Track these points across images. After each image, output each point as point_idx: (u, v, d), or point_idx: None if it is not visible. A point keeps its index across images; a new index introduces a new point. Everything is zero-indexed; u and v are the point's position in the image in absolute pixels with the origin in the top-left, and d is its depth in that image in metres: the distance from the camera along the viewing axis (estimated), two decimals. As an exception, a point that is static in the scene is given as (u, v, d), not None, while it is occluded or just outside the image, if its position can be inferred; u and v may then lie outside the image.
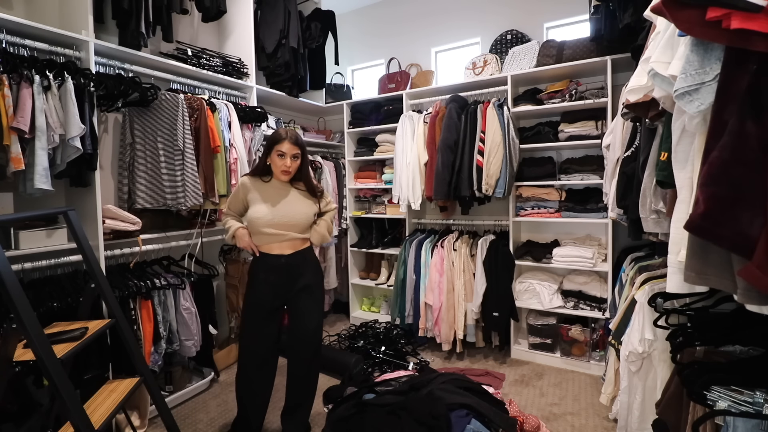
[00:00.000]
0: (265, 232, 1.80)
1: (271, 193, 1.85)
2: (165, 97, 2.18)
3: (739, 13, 0.70)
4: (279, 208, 1.82)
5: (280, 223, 1.81)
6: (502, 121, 2.57)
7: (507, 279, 2.63)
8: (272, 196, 1.84)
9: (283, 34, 2.93)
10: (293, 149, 1.80)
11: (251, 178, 1.89)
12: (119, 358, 1.91)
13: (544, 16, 3.07)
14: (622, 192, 1.73)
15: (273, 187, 1.86)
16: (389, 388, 1.92)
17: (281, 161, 1.79)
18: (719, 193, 0.77)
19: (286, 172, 1.81)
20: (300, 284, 1.85)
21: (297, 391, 1.94)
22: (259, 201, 1.83)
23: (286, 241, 1.83)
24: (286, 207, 1.84)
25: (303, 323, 1.86)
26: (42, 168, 1.68)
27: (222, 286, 2.81)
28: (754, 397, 0.99)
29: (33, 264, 1.74)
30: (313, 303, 1.89)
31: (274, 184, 1.87)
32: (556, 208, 2.73)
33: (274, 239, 1.82)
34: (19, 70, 1.65)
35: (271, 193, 1.85)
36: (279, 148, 1.79)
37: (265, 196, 1.84)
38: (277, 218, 1.80)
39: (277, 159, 1.80)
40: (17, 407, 1.59)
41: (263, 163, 1.87)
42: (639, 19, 1.81)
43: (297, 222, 1.84)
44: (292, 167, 1.81)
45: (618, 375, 1.88)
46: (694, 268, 0.89)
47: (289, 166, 1.80)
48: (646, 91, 1.25)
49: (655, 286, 1.64)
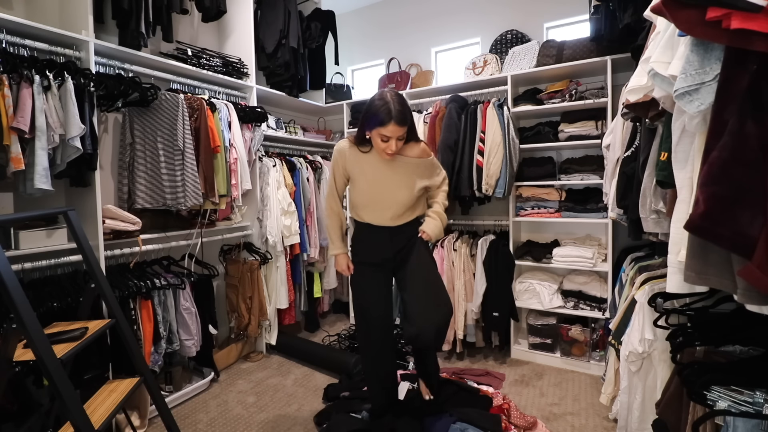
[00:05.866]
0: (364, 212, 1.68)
1: (371, 168, 1.64)
2: (165, 97, 2.18)
3: (739, 13, 0.70)
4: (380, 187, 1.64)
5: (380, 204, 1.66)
6: (502, 121, 2.57)
7: (507, 279, 2.63)
8: (372, 171, 1.64)
9: (283, 34, 2.93)
10: (399, 131, 1.53)
11: (350, 146, 1.69)
12: (119, 358, 1.91)
13: (544, 16, 3.07)
14: (622, 192, 1.73)
15: (373, 160, 1.64)
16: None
17: (384, 144, 1.56)
18: (719, 193, 0.77)
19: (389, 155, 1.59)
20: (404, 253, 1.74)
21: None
22: (359, 176, 1.67)
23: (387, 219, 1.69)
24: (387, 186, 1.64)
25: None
26: (42, 168, 1.68)
27: (222, 286, 2.81)
28: (754, 397, 0.99)
29: (33, 264, 1.74)
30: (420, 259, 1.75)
31: (374, 156, 1.65)
32: (556, 208, 2.73)
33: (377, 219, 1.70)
34: (19, 70, 1.65)
35: (370, 167, 1.65)
36: (383, 132, 1.53)
37: (365, 170, 1.65)
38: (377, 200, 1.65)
39: (379, 141, 1.56)
40: (17, 407, 1.59)
41: (362, 135, 1.64)
42: (639, 19, 1.81)
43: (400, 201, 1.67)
44: (397, 149, 1.58)
45: (618, 375, 1.88)
46: (694, 268, 0.89)
47: (395, 149, 1.57)
48: (646, 91, 1.25)
49: (655, 286, 1.64)
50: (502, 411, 1.91)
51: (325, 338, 3.07)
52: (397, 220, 1.73)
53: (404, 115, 1.53)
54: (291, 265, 2.98)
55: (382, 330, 1.84)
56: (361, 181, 1.70)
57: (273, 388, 2.41)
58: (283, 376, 2.58)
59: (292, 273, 3.00)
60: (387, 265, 1.81)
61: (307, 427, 2.03)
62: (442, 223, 1.77)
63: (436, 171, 1.81)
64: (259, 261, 2.71)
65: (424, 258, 1.77)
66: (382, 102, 1.54)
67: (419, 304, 1.70)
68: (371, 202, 1.71)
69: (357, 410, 2.00)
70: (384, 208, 1.70)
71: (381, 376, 1.89)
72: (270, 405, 2.23)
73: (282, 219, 2.80)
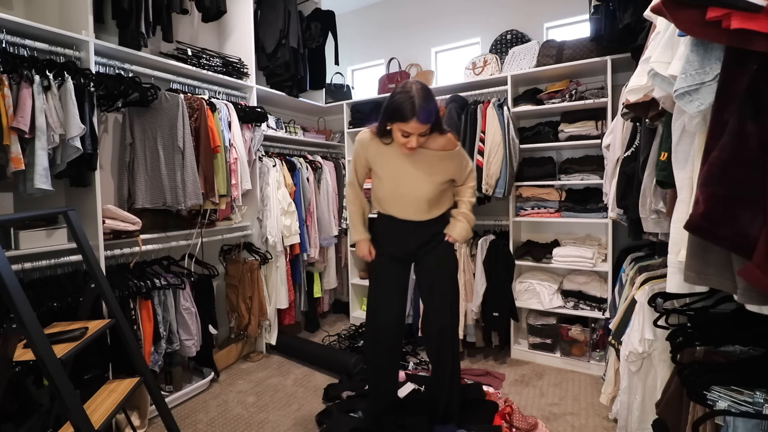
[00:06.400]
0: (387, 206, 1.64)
1: (392, 161, 1.58)
2: (165, 97, 2.18)
3: (739, 13, 0.70)
4: (401, 182, 1.58)
5: (402, 199, 1.60)
6: (502, 121, 2.57)
7: (507, 279, 2.63)
8: (393, 164, 1.58)
9: (283, 34, 2.93)
10: (422, 128, 1.46)
11: (371, 137, 1.63)
12: (119, 358, 1.91)
13: (544, 16, 3.07)
14: (622, 192, 1.73)
15: (394, 153, 1.58)
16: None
17: (405, 140, 1.49)
18: (719, 193, 0.77)
19: (409, 149, 1.53)
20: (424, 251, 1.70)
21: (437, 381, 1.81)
22: (380, 169, 1.61)
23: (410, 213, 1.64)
24: (407, 181, 1.58)
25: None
26: (42, 168, 1.68)
27: (222, 286, 2.81)
28: (754, 397, 0.99)
29: (33, 264, 1.74)
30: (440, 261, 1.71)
31: (395, 148, 1.58)
32: (556, 208, 2.73)
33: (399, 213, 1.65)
34: (19, 70, 1.65)
35: (392, 160, 1.58)
36: (404, 129, 1.46)
37: (386, 163, 1.60)
38: (398, 195, 1.60)
39: (399, 136, 1.50)
40: (17, 407, 1.59)
41: (383, 127, 1.57)
42: (639, 19, 1.81)
43: (422, 197, 1.61)
44: (419, 144, 1.50)
45: (618, 375, 1.88)
46: (694, 268, 0.88)
47: (415, 145, 1.50)
48: (646, 91, 1.25)
49: (655, 286, 1.64)
50: (504, 417, 1.90)
51: (325, 338, 3.07)
52: (421, 215, 1.67)
53: (428, 111, 1.44)
54: (291, 265, 2.98)
55: (388, 342, 1.80)
56: (383, 174, 1.64)
57: (273, 388, 2.41)
58: (283, 376, 2.58)
59: (292, 273, 3.00)
60: (408, 258, 1.77)
61: (307, 427, 2.03)
62: (468, 224, 1.71)
63: (462, 164, 1.71)
64: (259, 261, 2.71)
65: (444, 265, 1.72)
66: (405, 96, 1.45)
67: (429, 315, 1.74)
68: (393, 196, 1.65)
69: (358, 409, 2.00)
70: (406, 203, 1.65)
71: (380, 390, 1.89)
72: (270, 405, 2.23)
73: (282, 219, 2.80)
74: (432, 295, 1.75)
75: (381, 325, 1.78)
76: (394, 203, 1.67)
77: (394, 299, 1.79)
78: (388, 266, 1.78)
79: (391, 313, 1.78)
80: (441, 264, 1.73)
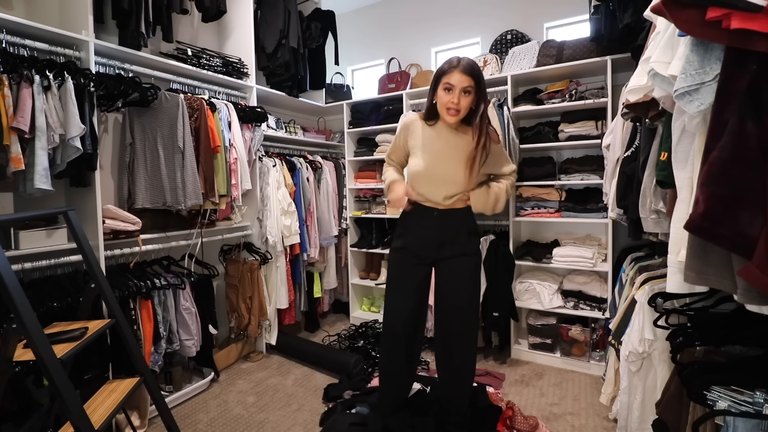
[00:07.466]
0: (418, 183, 1.59)
1: (434, 139, 1.55)
2: (165, 97, 2.18)
3: (739, 13, 0.70)
4: (439, 162, 1.54)
5: (436, 178, 1.56)
6: (502, 121, 2.57)
7: (507, 279, 2.63)
8: (434, 142, 1.55)
9: (283, 34, 2.93)
10: (465, 81, 1.46)
11: (417, 119, 1.62)
12: (119, 358, 1.91)
13: (544, 16, 3.07)
14: (622, 192, 1.73)
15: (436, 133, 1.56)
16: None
17: (448, 97, 1.47)
18: (719, 193, 0.77)
19: (452, 111, 1.49)
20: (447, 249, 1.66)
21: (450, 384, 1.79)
22: (420, 147, 1.57)
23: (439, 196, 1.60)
24: (445, 160, 1.54)
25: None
26: (42, 168, 1.68)
27: (222, 286, 2.81)
28: (754, 397, 0.99)
29: (33, 264, 1.74)
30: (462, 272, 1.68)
31: (439, 129, 1.57)
32: (556, 208, 2.73)
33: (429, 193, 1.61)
34: (19, 70, 1.65)
35: (435, 137, 1.55)
36: (447, 81, 1.46)
37: (428, 142, 1.56)
38: (433, 173, 1.55)
39: (443, 94, 1.49)
40: (17, 407, 1.59)
41: (430, 103, 1.57)
42: (639, 19, 1.81)
43: (456, 180, 1.57)
44: (461, 104, 1.48)
45: (618, 375, 1.88)
46: (694, 268, 0.88)
47: (457, 103, 1.47)
48: (646, 91, 1.25)
49: (655, 286, 1.64)
50: (505, 421, 1.90)
51: (325, 338, 3.07)
52: (448, 201, 1.64)
53: (472, 67, 1.47)
54: (291, 265, 2.98)
55: (399, 343, 1.78)
56: (423, 152, 1.61)
57: (273, 388, 2.41)
58: (283, 376, 2.58)
59: (292, 273, 3.00)
60: (428, 257, 1.73)
61: (307, 427, 2.03)
62: (493, 197, 1.65)
63: (500, 160, 1.70)
64: (259, 261, 2.71)
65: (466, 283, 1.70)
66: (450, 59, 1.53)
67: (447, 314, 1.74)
68: (427, 173, 1.61)
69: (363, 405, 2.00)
70: (439, 183, 1.61)
71: (386, 390, 1.88)
72: (270, 405, 2.23)
73: (282, 219, 2.80)
74: (452, 294, 1.72)
75: (391, 324, 1.78)
76: (427, 181, 1.63)
77: (408, 299, 1.77)
78: (406, 265, 1.76)
79: (401, 312, 1.77)
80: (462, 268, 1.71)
